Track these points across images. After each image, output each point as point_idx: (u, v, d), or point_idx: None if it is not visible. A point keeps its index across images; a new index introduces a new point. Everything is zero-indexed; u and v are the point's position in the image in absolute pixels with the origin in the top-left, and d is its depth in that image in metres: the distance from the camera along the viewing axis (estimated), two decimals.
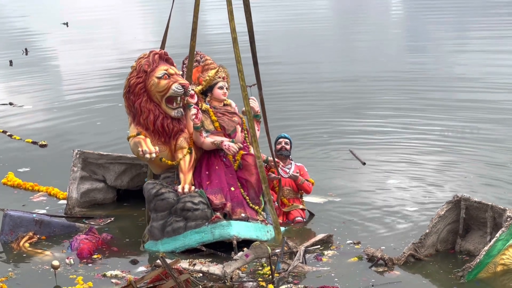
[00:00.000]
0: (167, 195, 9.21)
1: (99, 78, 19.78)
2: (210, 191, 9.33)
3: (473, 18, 28.76)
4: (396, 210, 10.14)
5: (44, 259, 9.05)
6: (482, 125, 13.82)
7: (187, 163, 9.46)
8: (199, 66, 9.97)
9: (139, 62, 9.47)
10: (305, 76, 18.97)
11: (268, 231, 9.33)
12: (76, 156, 10.64)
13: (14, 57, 22.58)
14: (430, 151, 12.51)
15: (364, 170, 11.80)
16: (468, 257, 8.63)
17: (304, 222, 9.91)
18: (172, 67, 9.52)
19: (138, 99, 9.42)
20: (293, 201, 10.04)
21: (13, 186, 11.48)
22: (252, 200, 9.48)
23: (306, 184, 10.05)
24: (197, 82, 9.90)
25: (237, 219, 9.19)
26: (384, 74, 18.75)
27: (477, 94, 16.23)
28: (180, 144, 9.50)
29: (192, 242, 9.07)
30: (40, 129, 14.76)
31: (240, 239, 8.98)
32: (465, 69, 19.04)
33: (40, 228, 9.66)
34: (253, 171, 9.51)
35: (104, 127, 14.71)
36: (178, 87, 9.35)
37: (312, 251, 8.88)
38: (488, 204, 8.61)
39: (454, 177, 11.30)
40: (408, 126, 14.02)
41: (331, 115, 15.05)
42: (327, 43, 24.77)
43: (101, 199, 10.81)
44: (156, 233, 9.22)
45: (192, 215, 9.11)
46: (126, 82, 9.52)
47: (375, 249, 8.70)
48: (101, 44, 25.91)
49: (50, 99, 17.46)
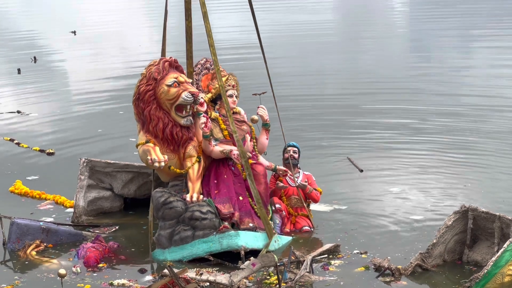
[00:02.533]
0: (175, 203, 9.20)
1: (105, 86, 19.81)
2: (218, 200, 9.32)
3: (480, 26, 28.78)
4: (402, 219, 10.12)
5: (51, 268, 9.05)
6: (487, 134, 13.80)
7: (195, 171, 9.45)
8: (209, 74, 9.94)
9: (149, 70, 9.45)
10: (305, 83, 18.97)
11: (276, 240, 9.32)
12: (83, 164, 10.65)
13: (22, 65, 22.63)
14: (434, 160, 12.50)
15: (367, 178, 11.79)
16: (475, 267, 8.61)
17: (311, 231, 9.90)
18: (182, 75, 9.51)
19: (147, 107, 9.41)
20: (300, 210, 10.03)
21: (20, 194, 11.49)
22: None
23: (314, 193, 10.04)
24: (207, 89, 9.88)
25: (245, 229, 9.18)
26: (386, 82, 18.73)
27: (482, 101, 16.21)
28: (189, 152, 9.48)
29: (199, 252, 9.06)
30: (47, 137, 14.77)
31: (248, 249, 8.96)
32: (470, 78, 19.01)
33: (47, 236, 9.66)
34: (261, 181, 9.49)
35: (111, 135, 14.72)
36: (188, 96, 9.33)
37: (319, 261, 8.87)
38: (496, 214, 8.59)
39: (459, 186, 11.29)
40: (412, 135, 14.02)
41: (330, 122, 15.03)
42: (329, 50, 24.78)
43: (108, 208, 10.81)
44: (163, 241, 9.22)
45: (200, 225, 9.10)
46: (136, 89, 9.51)
47: (382, 259, 8.68)
48: (108, 52, 25.96)
49: (58, 107, 17.49)
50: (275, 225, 9.71)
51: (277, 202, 9.85)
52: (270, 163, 9.95)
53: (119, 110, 16.64)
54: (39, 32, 31.87)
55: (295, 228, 9.91)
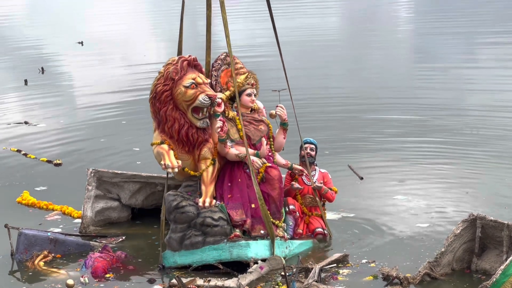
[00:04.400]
0: (188, 208, 9.15)
1: (112, 96, 19.81)
2: (231, 205, 9.27)
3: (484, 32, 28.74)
4: (409, 227, 10.12)
5: (59, 278, 9.05)
6: (493, 142, 13.79)
7: (209, 174, 9.36)
8: (228, 69, 9.67)
9: (167, 69, 9.27)
10: (310, 90, 18.98)
11: (287, 246, 9.30)
12: (91, 175, 10.65)
13: (29, 76, 22.67)
14: (439, 168, 12.49)
15: (371, 185, 11.77)
16: (484, 276, 8.58)
17: (325, 234, 9.82)
18: (200, 75, 9.33)
19: (164, 107, 9.25)
20: (314, 210, 9.93)
21: (28, 205, 11.50)
22: (273, 214, 9.39)
23: (329, 194, 9.93)
24: (226, 87, 9.69)
25: (256, 236, 9.16)
26: (391, 92, 18.74)
27: (487, 112, 16.20)
28: (203, 154, 9.36)
29: (209, 259, 9.05)
30: (55, 148, 14.79)
31: (258, 260, 8.95)
32: (475, 86, 18.99)
33: (55, 246, 9.66)
34: (276, 186, 9.40)
35: (118, 145, 14.74)
36: (205, 99, 9.19)
37: (328, 270, 8.85)
38: (504, 223, 8.56)
39: (463, 193, 11.28)
40: (416, 142, 14.03)
41: (335, 130, 15.03)
42: (335, 58, 24.78)
43: (116, 218, 10.80)
44: (174, 244, 9.20)
45: (211, 231, 9.08)
46: (153, 87, 9.33)
47: (390, 268, 8.66)
48: (115, 62, 26.00)
49: (65, 118, 17.51)
50: (288, 227, 9.64)
51: (291, 203, 9.74)
52: (287, 161, 9.81)
53: (127, 120, 16.64)
54: (46, 42, 31.93)
55: (308, 230, 9.82)
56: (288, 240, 9.41)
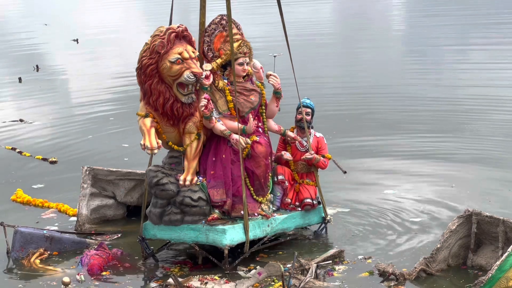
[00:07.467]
0: (168, 186, 9.05)
1: (106, 94, 19.79)
2: (212, 183, 9.15)
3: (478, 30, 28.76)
4: (403, 223, 10.13)
5: (55, 276, 9.05)
6: (488, 138, 13.81)
7: (193, 149, 9.20)
8: (222, 33, 9.35)
9: (154, 41, 9.02)
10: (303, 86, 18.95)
11: (269, 224, 9.27)
12: (86, 172, 10.65)
13: (24, 74, 22.62)
14: (434, 164, 12.51)
15: (367, 181, 11.78)
16: (480, 272, 8.59)
17: (313, 205, 9.66)
18: (188, 48, 9.05)
19: (149, 80, 9.04)
20: (306, 176, 9.72)
21: (23, 203, 11.49)
22: (257, 191, 9.28)
23: (321, 162, 9.63)
24: (218, 53, 9.38)
25: (236, 217, 9.13)
26: (383, 89, 18.74)
27: (482, 108, 16.21)
28: (188, 129, 9.19)
29: (186, 238, 9.10)
30: (50, 146, 14.77)
31: (233, 246, 8.97)
32: (469, 82, 19.00)
33: (51, 244, 9.66)
34: (261, 163, 9.23)
35: (112, 143, 14.72)
36: (189, 76, 8.98)
37: (324, 266, 8.85)
38: (500, 218, 8.58)
39: (455, 188, 11.31)
40: (411, 139, 14.04)
41: (331, 127, 15.04)
42: (328, 54, 24.79)
43: (111, 216, 10.80)
44: (154, 219, 9.21)
45: (190, 211, 9.05)
46: (139, 57, 9.11)
47: (386, 264, 8.67)
48: (109, 60, 25.98)
49: (60, 115, 17.48)
50: (275, 197, 9.53)
51: (281, 173, 9.52)
52: (279, 127, 9.62)
53: (123, 117, 16.60)
54: (40, 39, 31.87)
55: (298, 199, 9.61)
56: (271, 217, 9.32)
